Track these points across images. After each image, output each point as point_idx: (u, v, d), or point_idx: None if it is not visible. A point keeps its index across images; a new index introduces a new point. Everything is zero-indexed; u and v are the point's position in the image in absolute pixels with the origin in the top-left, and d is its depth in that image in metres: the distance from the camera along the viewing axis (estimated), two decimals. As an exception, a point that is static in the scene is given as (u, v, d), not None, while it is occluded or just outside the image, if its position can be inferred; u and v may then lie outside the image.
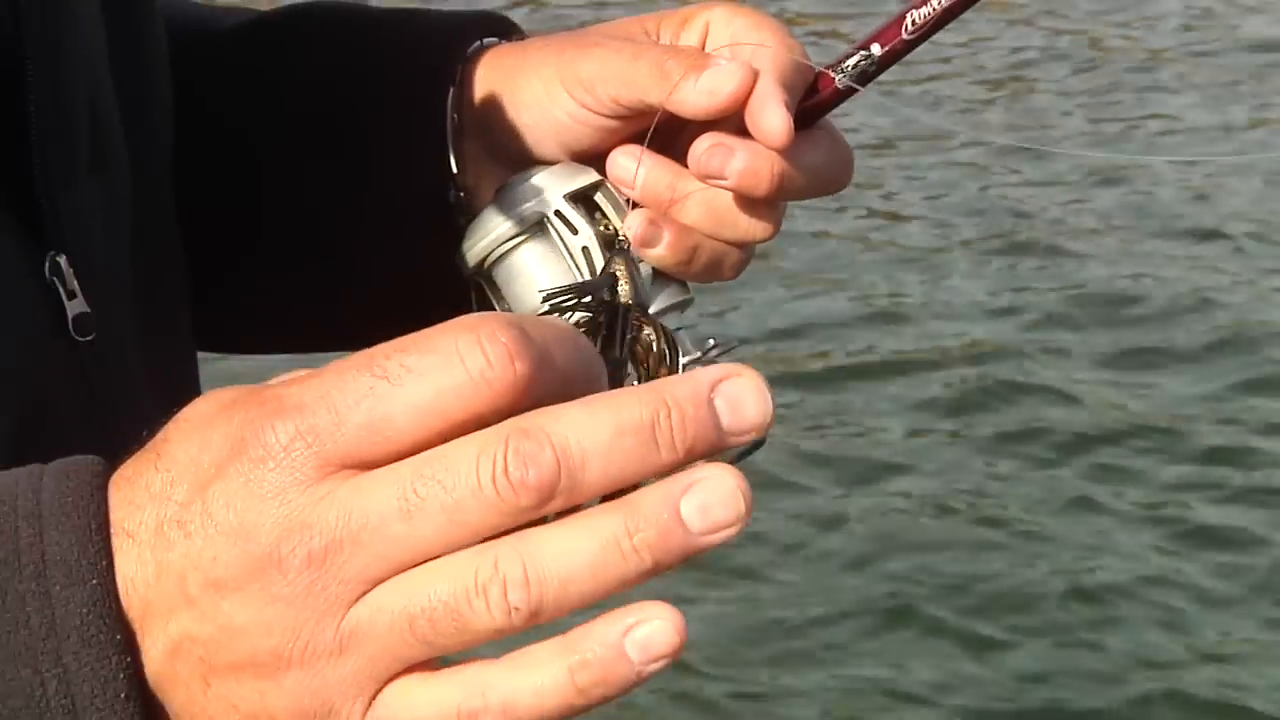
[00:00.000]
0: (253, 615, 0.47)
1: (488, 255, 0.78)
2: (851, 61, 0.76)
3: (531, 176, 0.78)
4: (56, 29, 0.71)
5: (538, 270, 0.77)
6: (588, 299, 0.58)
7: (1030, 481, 3.91)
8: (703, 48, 0.78)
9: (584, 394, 0.48)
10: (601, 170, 0.78)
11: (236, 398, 0.49)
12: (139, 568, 0.49)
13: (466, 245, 0.79)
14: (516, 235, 0.77)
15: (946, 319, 4.60)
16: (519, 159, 0.80)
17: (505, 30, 0.85)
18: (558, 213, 0.77)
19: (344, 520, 0.47)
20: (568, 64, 0.78)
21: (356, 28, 0.86)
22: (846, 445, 4.08)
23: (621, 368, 0.58)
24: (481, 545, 0.47)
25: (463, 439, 0.47)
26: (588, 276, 0.76)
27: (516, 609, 0.46)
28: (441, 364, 0.46)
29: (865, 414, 4.19)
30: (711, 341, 0.77)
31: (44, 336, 0.68)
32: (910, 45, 0.75)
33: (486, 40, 0.83)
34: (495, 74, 0.81)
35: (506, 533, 0.47)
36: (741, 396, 0.48)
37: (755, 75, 0.74)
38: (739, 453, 0.76)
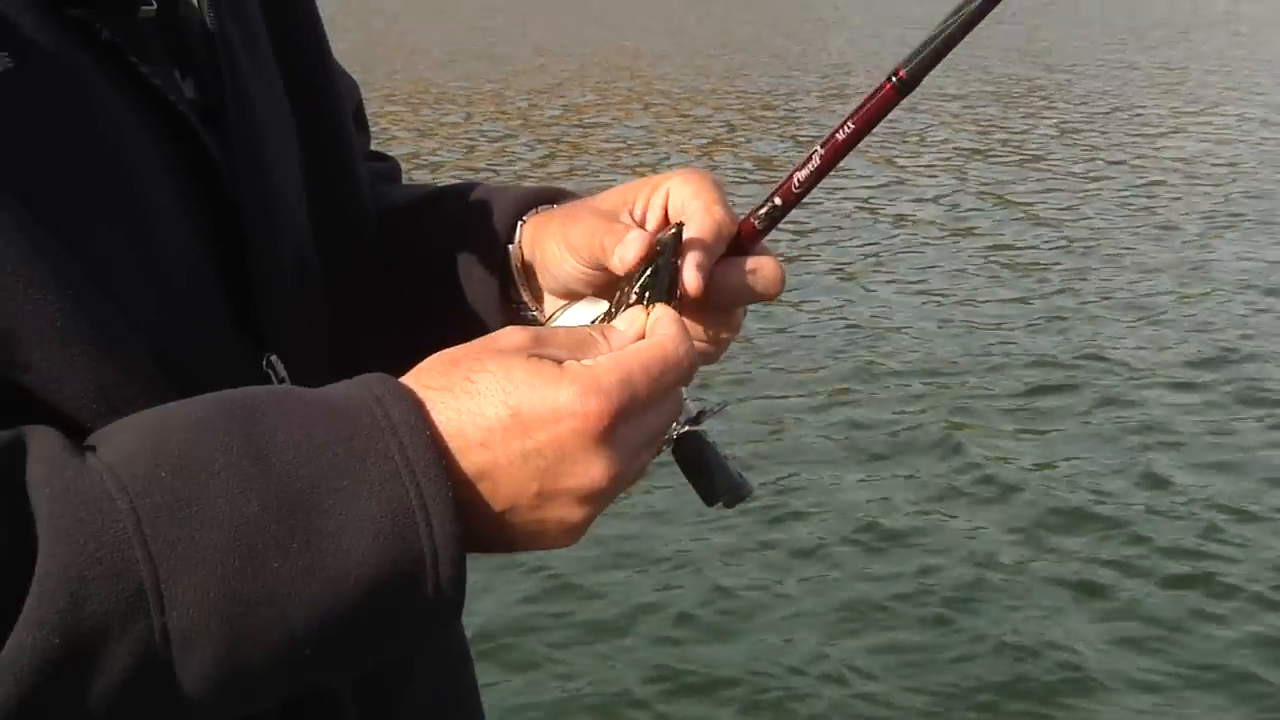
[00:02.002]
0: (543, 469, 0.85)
1: None
2: (763, 210, 1.05)
3: (564, 312, 1.10)
4: (265, 205, 1.01)
5: None
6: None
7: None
8: (665, 208, 1.07)
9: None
10: (610, 297, 1.07)
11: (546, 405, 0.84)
12: (468, 455, 0.84)
13: None
14: None
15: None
16: (559, 291, 1.11)
17: (555, 198, 1.16)
18: None
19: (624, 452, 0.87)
20: (565, 234, 1.08)
21: (470, 201, 1.19)
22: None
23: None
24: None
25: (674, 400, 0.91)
26: None
27: None
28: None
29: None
30: (695, 408, 1.05)
31: None
32: (800, 195, 1.04)
33: (541, 208, 1.14)
34: (535, 236, 1.12)
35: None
36: None
37: (646, 238, 1.01)
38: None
